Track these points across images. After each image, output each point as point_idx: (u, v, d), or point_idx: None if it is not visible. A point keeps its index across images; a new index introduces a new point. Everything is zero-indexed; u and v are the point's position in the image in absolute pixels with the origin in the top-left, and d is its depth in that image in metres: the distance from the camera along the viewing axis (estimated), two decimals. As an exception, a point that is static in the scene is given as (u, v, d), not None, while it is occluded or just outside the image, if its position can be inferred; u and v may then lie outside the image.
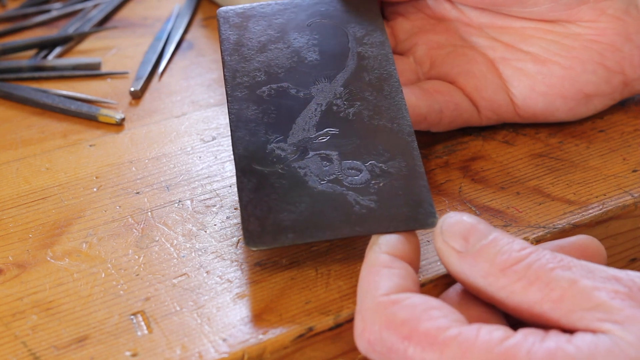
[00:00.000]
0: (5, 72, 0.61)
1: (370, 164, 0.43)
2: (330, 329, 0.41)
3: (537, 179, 0.49)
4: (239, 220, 0.47)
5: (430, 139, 0.53)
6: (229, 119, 0.45)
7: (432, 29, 0.54)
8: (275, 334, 0.40)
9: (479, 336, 0.34)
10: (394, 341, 0.35)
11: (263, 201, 0.41)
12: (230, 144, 0.53)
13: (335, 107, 0.46)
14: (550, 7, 0.50)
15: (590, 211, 0.47)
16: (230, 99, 0.46)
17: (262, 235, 0.40)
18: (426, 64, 0.54)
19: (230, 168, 0.51)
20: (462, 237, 0.38)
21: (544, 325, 0.35)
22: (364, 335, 0.36)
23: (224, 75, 0.48)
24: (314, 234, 0.40)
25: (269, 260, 0.44)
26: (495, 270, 0.36)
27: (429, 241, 0.45)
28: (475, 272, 0.37)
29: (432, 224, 0.41)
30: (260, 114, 0.45)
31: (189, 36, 0.66)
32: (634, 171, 0.49)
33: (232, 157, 0.52)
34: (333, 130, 0.45)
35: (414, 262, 0.40)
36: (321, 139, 0.44)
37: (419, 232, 0.42)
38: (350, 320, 0.41)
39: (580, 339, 0.33)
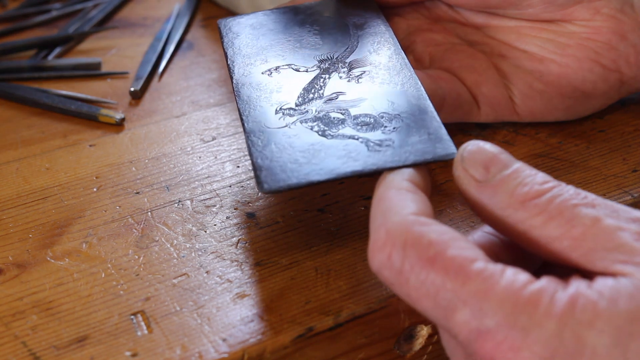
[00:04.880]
0: (5, 72, 0.61)
1: (381, 113, 0.43)
2: (330, 329, 0.41)
3: (537, 178, 0.49)
4: (239, 220, 0.47)
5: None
6: (235, 95, 0.45)
7: (429, 28, 0.55)
8: (275, 334, 0.40)
9: (504, 276, 0.33)
10: (416, 261, 0.34)
11: (274, 153, 0.41)
12: (229, 144, 0.53)
13: (341, 76, 0.46)
14: (545, 8, 0.50)
15: (590, 211, 0.47)
16: (235, 82, 0.46)
17: (276, 180, 0.39)
18: (425, 60, 0.54)
19: (230, 168, 0.51)
20: (482, 166, 0.36)
21: (561, 263, 0.34)
22: (384, 249, 0.34)
23: (228, 66, 0.48)
24: (330, 173, 0.39)
25: (269, 260, 0.44)
26: (515, 202, 0.35)
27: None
28: (494, 203, 0.36)
29: (452, 156, 0.39)
30: (267, 89, 0.46)
31: (188, 36, 0.66)
32: (634, 171, 0.49)
33: (232, 156, 0.52)
34: (342, 92, 0.45)
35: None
36: (330, 100, 0.44)
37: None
38: (350, 320, 0.41)
39: (601, 283, 0.32)
